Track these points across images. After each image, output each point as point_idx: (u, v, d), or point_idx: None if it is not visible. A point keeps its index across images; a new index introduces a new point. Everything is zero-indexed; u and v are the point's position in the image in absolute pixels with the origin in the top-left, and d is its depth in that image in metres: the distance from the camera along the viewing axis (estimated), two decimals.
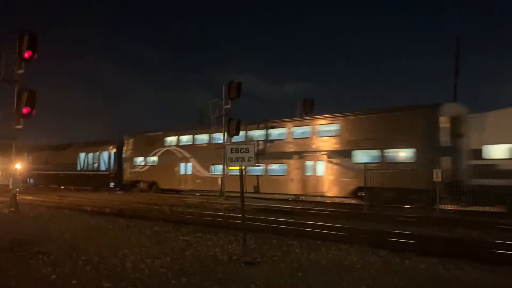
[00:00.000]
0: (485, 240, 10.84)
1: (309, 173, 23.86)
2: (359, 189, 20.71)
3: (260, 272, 6.98)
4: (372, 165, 20.40)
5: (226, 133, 26.23)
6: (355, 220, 15.20)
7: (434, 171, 17.53)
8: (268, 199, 24.51)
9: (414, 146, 19.84)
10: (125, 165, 34.33)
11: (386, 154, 20.82)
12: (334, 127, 23.34)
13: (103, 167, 36.03)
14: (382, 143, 20.84)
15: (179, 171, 30.39)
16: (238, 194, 9.04)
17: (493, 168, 17.31)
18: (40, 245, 9.02)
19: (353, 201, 22.19)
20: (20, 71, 16.28)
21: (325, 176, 23.13)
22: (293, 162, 24.59)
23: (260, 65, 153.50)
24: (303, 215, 16.87)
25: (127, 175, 34.09)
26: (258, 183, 26.14)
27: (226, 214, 17.12)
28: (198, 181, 29.30)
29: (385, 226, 13.12)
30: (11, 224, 12.90)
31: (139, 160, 33.32)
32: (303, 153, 24.19)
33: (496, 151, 17.69)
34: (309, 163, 23.93)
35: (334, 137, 23.11)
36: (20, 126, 16.46)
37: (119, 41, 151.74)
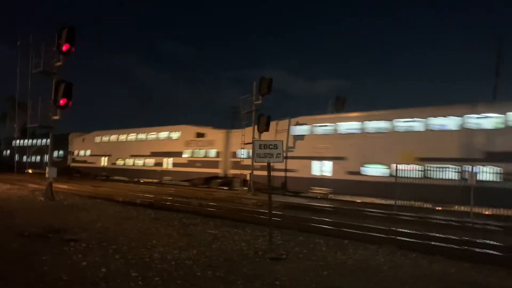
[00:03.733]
0: None
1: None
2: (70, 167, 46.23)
3: (285, 269, 6.94)
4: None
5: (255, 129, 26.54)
6: None
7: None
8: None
9: (63, 149, 46.19)
10: (4, 154, 61.01)
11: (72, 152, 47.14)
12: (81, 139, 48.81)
13: None
14: (65, 148, 47.35)
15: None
16: None
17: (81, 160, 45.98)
18: (72, 233, 9.33)
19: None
20: (58, 64, 16.86)
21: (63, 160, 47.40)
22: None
23: (294, 63, 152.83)
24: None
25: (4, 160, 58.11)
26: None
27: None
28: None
29: None
30: (47, 211, 13.39)
31: (7, 152, 59.83)
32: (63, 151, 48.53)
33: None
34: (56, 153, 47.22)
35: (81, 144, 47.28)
36: (57, 117, 17.05)
37: (156, 40, 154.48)
